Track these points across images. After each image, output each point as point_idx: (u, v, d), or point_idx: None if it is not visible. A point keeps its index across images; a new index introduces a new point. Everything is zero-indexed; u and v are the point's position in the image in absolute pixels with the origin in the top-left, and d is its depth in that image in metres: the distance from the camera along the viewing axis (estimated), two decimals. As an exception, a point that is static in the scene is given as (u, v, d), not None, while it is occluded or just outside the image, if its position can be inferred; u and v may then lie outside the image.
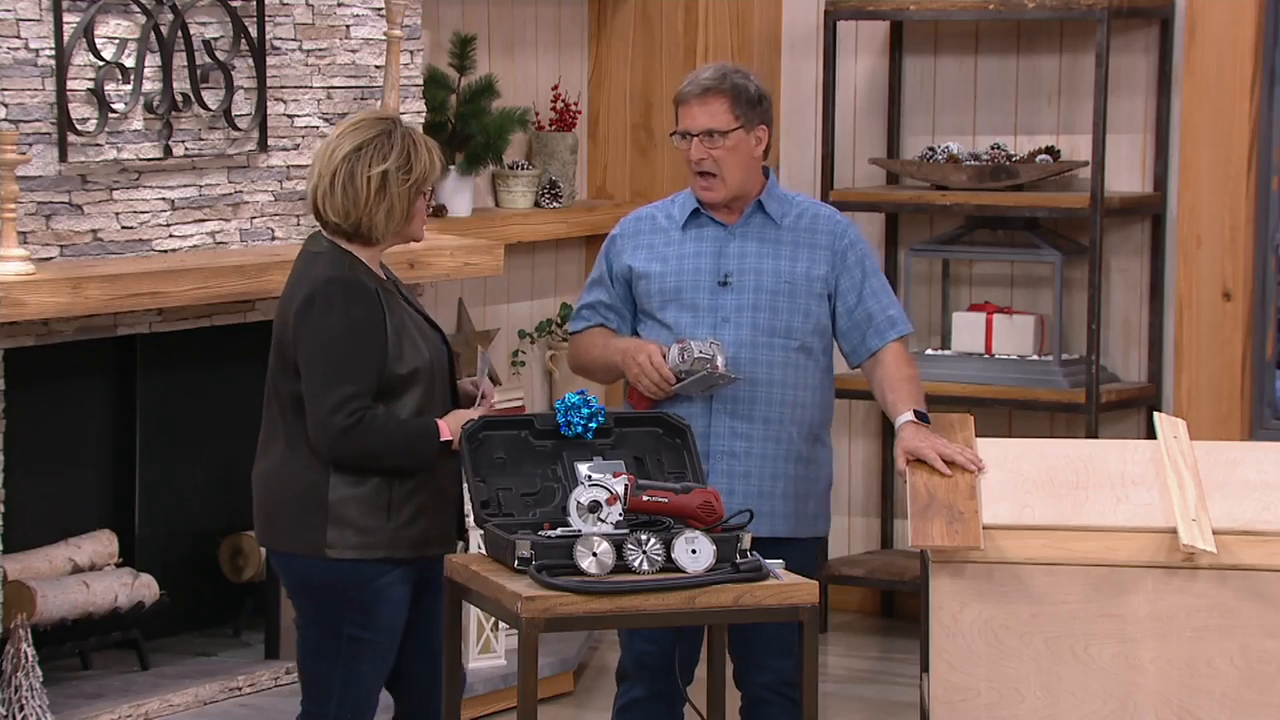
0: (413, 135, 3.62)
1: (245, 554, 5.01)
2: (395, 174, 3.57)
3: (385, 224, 3.59)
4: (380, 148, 3.57)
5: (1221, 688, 3.46)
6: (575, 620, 3.34)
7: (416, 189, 3.61)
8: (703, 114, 3.81)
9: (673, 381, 3.75)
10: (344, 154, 3.57)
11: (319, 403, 3.51)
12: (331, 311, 3.52)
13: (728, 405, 3.79)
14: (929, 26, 5.84)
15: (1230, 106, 5.46)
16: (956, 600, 3.51)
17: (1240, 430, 5.46)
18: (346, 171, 3.57)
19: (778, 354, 3.80)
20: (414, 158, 3.59)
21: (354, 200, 3.57)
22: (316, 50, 4.88)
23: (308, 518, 3.55)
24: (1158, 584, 3.48)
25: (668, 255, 3.87)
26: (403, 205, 3.59)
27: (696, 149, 3.81)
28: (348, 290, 3.54)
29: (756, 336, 3.80)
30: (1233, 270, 5.49)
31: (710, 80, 3.83)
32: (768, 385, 3.80)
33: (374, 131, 3.59)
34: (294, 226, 4.87)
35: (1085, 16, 5.46)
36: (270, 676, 4.81)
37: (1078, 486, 3.60)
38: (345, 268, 3.57)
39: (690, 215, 3.88)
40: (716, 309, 3.81)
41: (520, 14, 5.86)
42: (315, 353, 3.52)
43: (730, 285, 3.81)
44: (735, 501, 3.69)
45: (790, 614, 3.39)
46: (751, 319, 3.80)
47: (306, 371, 3.53)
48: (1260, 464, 3.64)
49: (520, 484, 3.57)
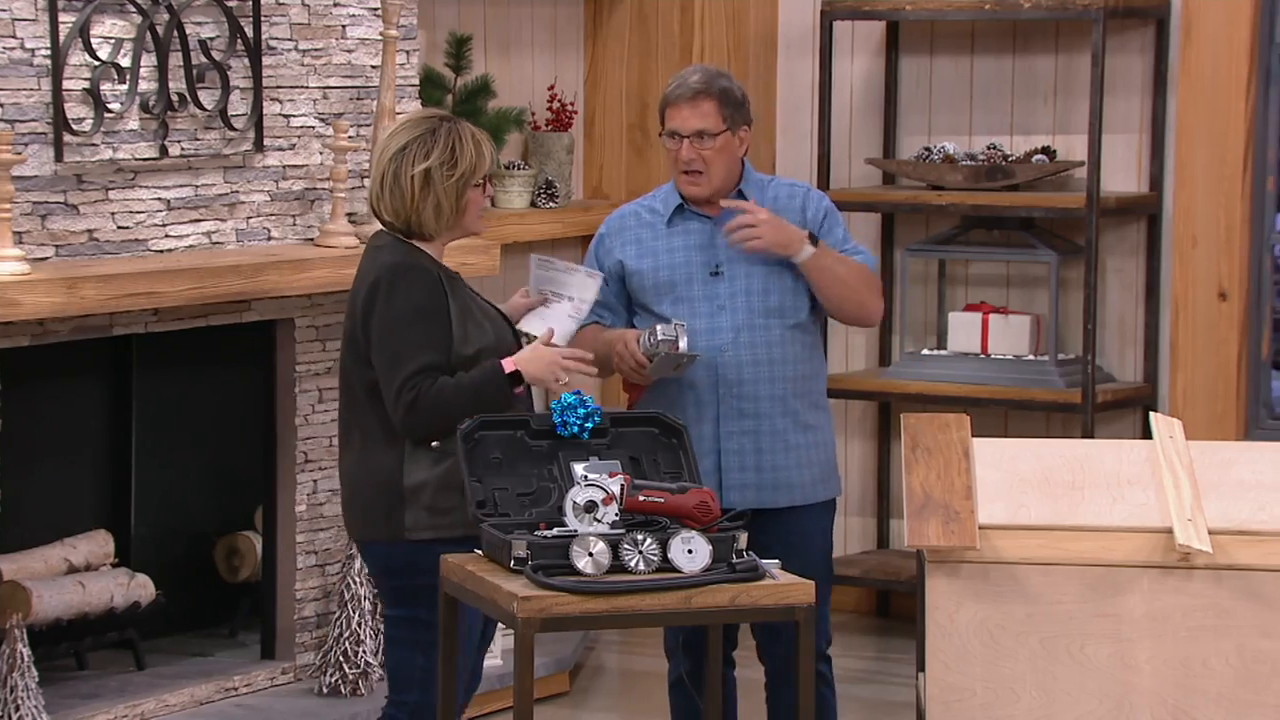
0: (459, 130, 3.70)
1: (241, 554, 5.01)
2: (439, 170, 3.66)
3: (435, 220, 3.69)
4: (424, 145, 3.67)
5: (1217, 688, 3.46)
6: (571, 620, 3.34)
7: (464, 183, 3.69)
8: (693, 116, 3.92)
9: (646, 365, 3.86)
10: (391, 154, 3.69)
11: (388, 384, 3.62)
12: (395, 294, 3.62)
13: (733, 389, 3.91)
14: (925, 26, 5.84)
15: (1226, 107, 5.47)
16: (952, 600, 3.51)
17: (1236, 430, 5.46)
18: (393, 172, 3.68)
19: (775, 333, 3.94)
20: (459, 152, 3.67)
21: (402, 199, 3.68)
22: (312, 50, 4.88)
23: (387, 504, 3.64)
24: (1153, 584, 3.48)
25: (657, 250, 3.98)
26: (450, 200, 3.68)
27: (687, 150, 3.94)
28: (410, 274, 3.64)
29: (754, 319, 3.92)
30: (1228, 270, 5.49)
31: (699, 84, 3.95)
32: (769, 364, 3.93)
33: (419, 130, 3.69)
34: (290, 226, 4.87)
35: (1081, 17, 5.46)
36: (266, 677, 4.81)
37: (1074, 486, 3.61)
38: (408, 255, 3.67)
39: (675, 210, 3.99)
40: (712, 298, 3.93)
41: (516, 14, 5.86)
42: (382, 335, 3.63)
43: (722, 274, 3.94)
44: (751, 479, 3.87)
45: (786, 614, 3.39)
46: (746, 303, 3.93)
47: (376, 356, 3.64)
48: (1256, 464, 3.64)
49: (516, 484, 3.57)
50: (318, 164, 4.91)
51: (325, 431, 4.93)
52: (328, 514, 4.94)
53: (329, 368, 4.94)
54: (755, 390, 3.92)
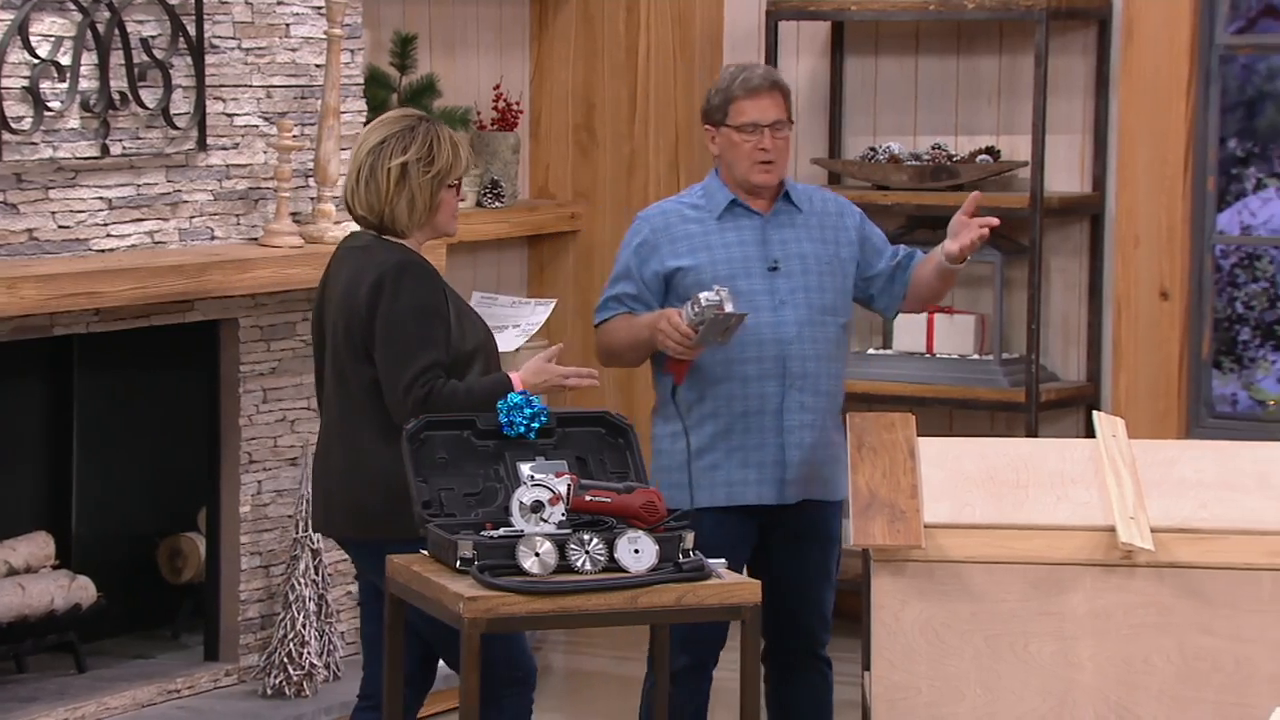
0: (438, 130, 3.73)
1: (184, 555, 4.97)
2: (415, 165, 3.69)
3: (408, 216, 3.71)
4: (401, 141, 3.70)
5: (1158, 684, 3.48)
6: (518, 620, 3.33)
7: (439, 181, 3.71)
8: (773, 106, 4.01)
9: (692, 336, 3.87)
10: (368, 148, 3.72)
11: (394, 380, 3.63)
12: (401, 292, 3.64)
13: (797, 381, 3.98)
14: (870, 27, 5.86)
15: (1167, 107, 5.50)
16: (898, 599, 3.52)
17: (1177, 429, 5.50)
18: (369, 165, 3.71)
19: (830, 331, 4.03)
20: (436, 150, 3.70)
21: (377, 193, 3.70)
22: (256, 49, 4.85)
23: (389, 503, 3.65)
24: (1096, 582, 3.50)
25: (711, 244, 4.02)
26: (424, 197, 3.70)
27: (769, 138, 4.00)
28: (415, 271, 3.67)
29: (813, 315, 4.00)
30: (1170, 270, 5.53)
31: (771, 75, 4.05)
32: (826, 360, 4.02)
33: (398, 127, 3.72)
34: (234, 226, 4.84)
35: (1024, 17, 5.49)
36: (210, 678, 4.78)
37: (1018, 485, 3.62)
38: (404, 251, 3.70)
39: (726, 206, 4.05)
40: (773, 292, 3.99)
41: (461, 13, 5.84)
42: (388, 332, 3.64)
43: (780, 270, 4.00)
44: (808, 472, 3.96)
45: (732, 613, 3.39)
46: (806, 299, 4.00)
47: (381, 351, 3.65)
48: (1197, 462, 3.67)
49: (462, 484, 3.56)
50: (261, 163, 4.88)
51: (269, 432, 4.91)
52: (272, 515, 4.91)
53: (273, 368, 4.91)
54: (817, 384, 3.98)
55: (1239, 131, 7.57)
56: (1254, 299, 7.58)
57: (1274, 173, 7.62)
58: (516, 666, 3.78)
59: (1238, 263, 7.60)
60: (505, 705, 3.77)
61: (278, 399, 4.92)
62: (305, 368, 4.97)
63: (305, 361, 4.97)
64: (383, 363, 3.66)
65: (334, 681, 4.83)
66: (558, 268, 6.08)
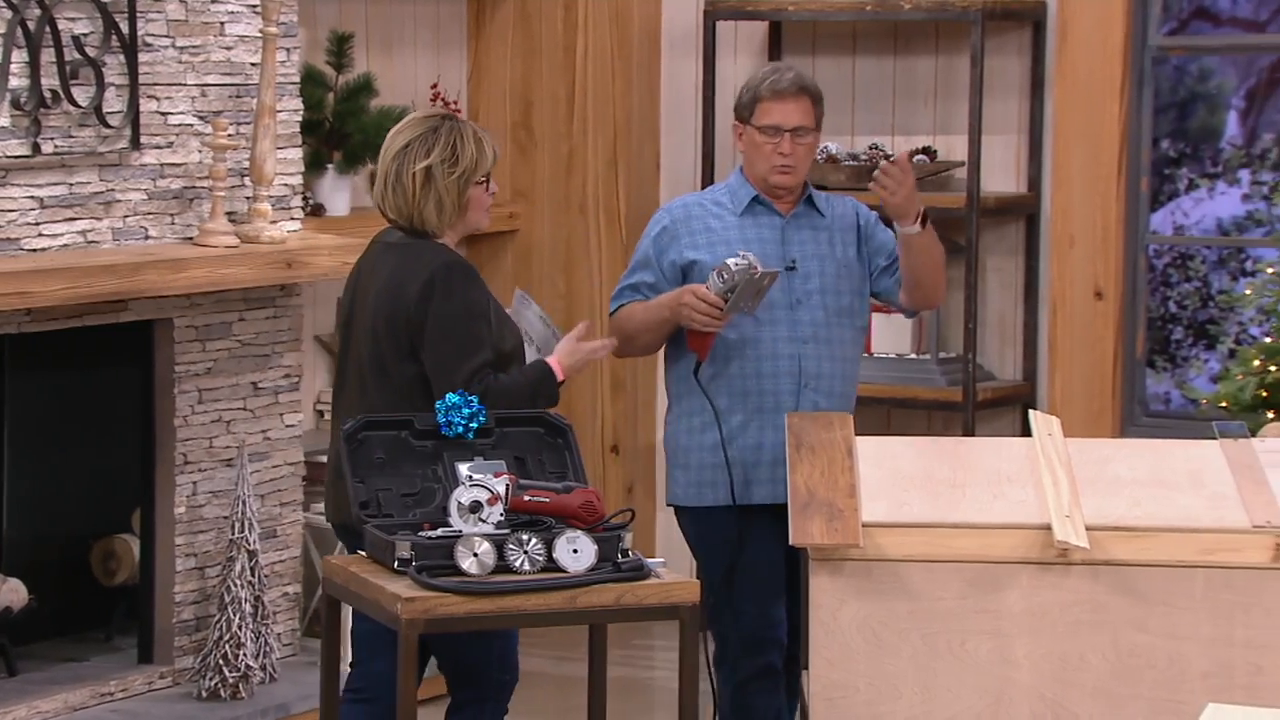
0: (461, 129, 3.77)
1: (117, 557, 4.93)
2: (440, 167, 3.73)
3: (437, 217, 3.75)
4: (425, 143, 3.74)
5: (1093, 681, 3.51)
6: (456, 621, 3.32)
7: (465, 180, 3.75)
8: (796, 112, 4.02)
9: (722, 305, 3.88)
10: (394, 153, 3.77)
11: (449, 378, 3.67)
12: (454, 292, 3.69)
13: (811, 382, 3.99)
14: (807, 27, 5.87)
15: (1101, 108, 5.55)
16: (836, 598, 3.53)
17: (1112, 427, 5.55)
18: (395, 170, 3.76)
19: (846, 332, 4.05)
20: (459, 150, 3.74)
21: (404, 197, 3.76)
22: (190, 47, 4.82)
23: None
24: (1032, 580, 3.52)
25: (730, 239, 4.04)
26: (451, 198, 3.75)
27: (788, 144, 4.00)
28: (465, 272, 3.73)
29: (829, 317, 4.02)
30: (1104, 270, 5.58)
31: (800, 80, 4.04)
32: (842, 361, 4.03)
33: (421, 129, 3.77)
34: (168, 225, 4.80)
35: (960, 18, 5.52)
36: (144, 681, 4.75)
37: (955, 484, 3.64)
38: (453, 252, 3.76)
39: (748, 204, 4.06)
40: (790, 290, 4.00)
41: (398, 12, 5.82)
42: (442, 332, 3.68)
43: (798, 270, 4.02)
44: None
45: (671, 613, 3.39)
46: (822, 301, 4.02)
47: (433, 350, 3.69)
48: (1131, 461, 3.70)
49: (400, 484, 3.55)
50: (196, 162, 4.85)
51: (205, 433, 4.87)
52: (207, 516, 4.88)
53: (209, 368, 4.88)
54: (831, 386, 4.00)
55: (1171, 132, 7.64)
56: (1187, 299, 7.65)
57: (1206, 173, 7.70)
58: (505, 669, 3.80)
59: (1171, 262, 7.67)
60: (488, 707, 3.79)
61: (213, 399, 4.89)
62: (241, 368, 4.94)
63: (241, 362, 4.94)
64: (436, 361, 3.69)
65: (270, 683, 4.81)
66: (496, 267, 6.06)
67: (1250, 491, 3.58)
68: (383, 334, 3.74)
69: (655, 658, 5.59)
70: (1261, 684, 3.46)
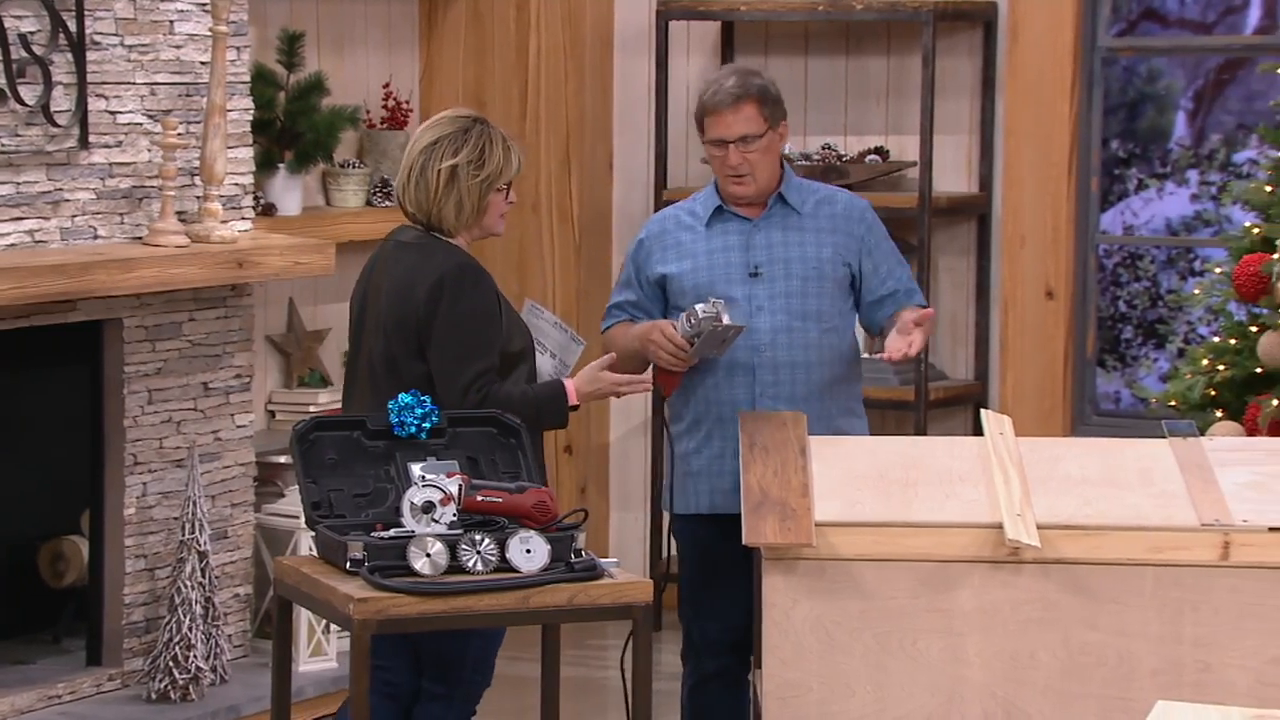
0: (491, 133, 3.79)
1: (66, 558, 4.90)
2: (465, 168, 3.75)
3: (455, 217, 3.77)
4: (454, 143, 3.76)
5: (1044, 679, 3.52)
6: (408, 621, 3.31)
7: (488, 185, 3.77)
8: (736, 121, 3.97)
9: (687, 349, 3.90)
10: (421, 148, 3.78)
11: (452, 381, 3.68)
12: (461, 297, 3.71)
13: (769, 389, 3.95)
14: (759, 27, 5.88)
15: (1051, 108, 5.57)
16: (788, 597, 3.54)
17: (1063, 427, 5.58)
18: (421, 165, 3.77)
19: (811, 336, 3.98)
20: (487, 154, 3.76)
21: (426, 193, 3.77)
22: (139, 46, 4.78)
23: None
24: (984, 578, 3.54)
25: (696, 252, 4.03)
26: (472, 200, 3.77)
27: (734, 156, 3.98)
28: (476, 275, 3.74)
29: (791, 321, 3.97)
30: (1055, 269, 5.61)
31: (736, 88, 3.98)
32: (805, 367, 3.97)
33: (452, 128, 3.78)
34: (117, 225, 4.77)
35: (912, 18, 5.54)
36: (92, 684, 4.71)
37: (907, 483, 3.65)
38: (464, 254, 3.76)
39: (714, 212, 4.04)
40: (750, 298, 3.98)
41: (349, 11, 5.80)
42: (447, 335, 3.70)
43: (761, 276, 3.99)
44: None
45: (624, 613, 3.39)
46: (785, 305, 3.97)
47: (439, 351, 3.70)
48: (1081, 460, 3.72)
49: (353, 485, 3.53)
50: (146, 161, 4.82)
51: (155, 434, 4.84)
52: (157, 517, 4.85)
53: (159, 368, 4.85)
54: (792, 391, 3.95)
55: (1121, 133, 7.69)
56: (1136, 298, 7.70)
57: (1155, 173, 7.75)
58: (478, 671, 3.80)
59: (1120, 262, 7.72)
60: (454, 705, 3.80)
61: (163, 400, 4.86)
62: (192, 368, 4.91)
63: (192, 362, 4.91)
64: (440, 363, 3.72)
65: (221, 685, 4.78)
66: (448, 267, 6.05)
67: (1199, 490, 3.61)
68: (393, 332, 3.77)
69: (608, 658, 5.59)
70: (1209, 681, 3.48)
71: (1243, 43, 6.77)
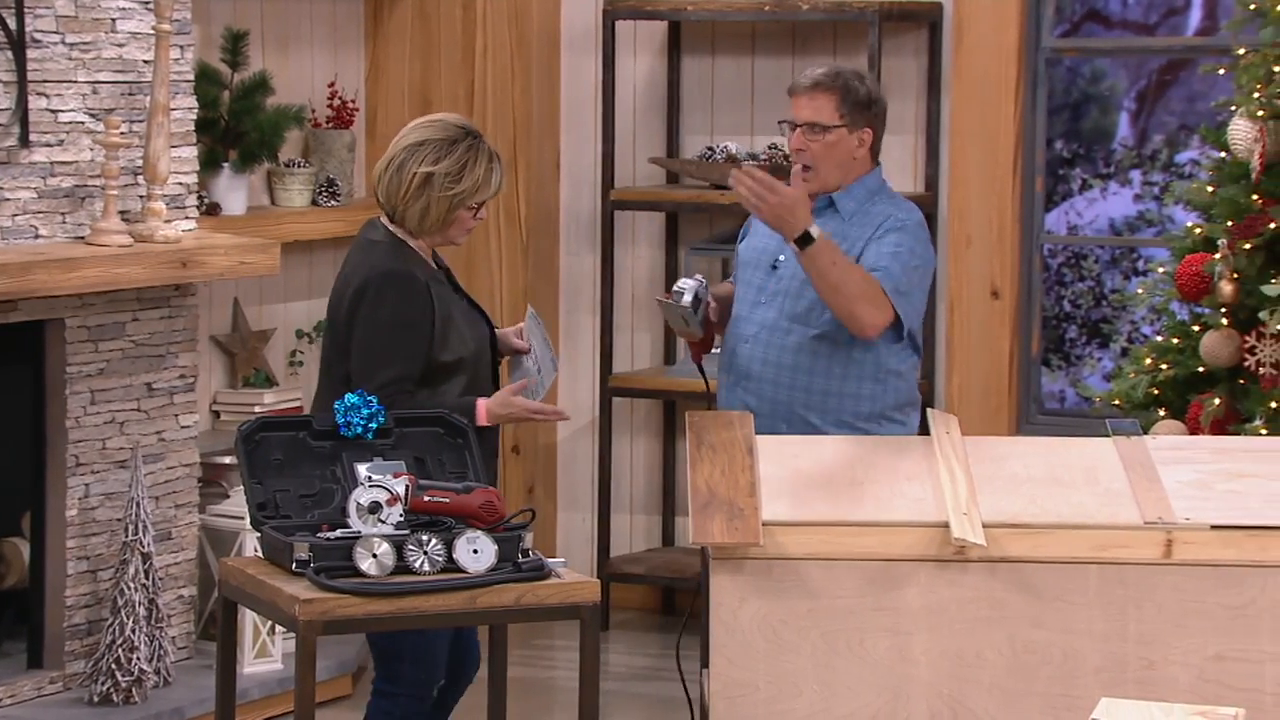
0: (478, 150, 3.76)
1: (6, 560, 4.85)
2: (440, 179, 3.73)
3: (419, 222, 3.76)
4: (438, 150, 3.74)
5: (990, 678, 3.54)
6: (354, 623, 3.30)
7: (459, 200, 3.76)
8: (808, 107, 3.95)
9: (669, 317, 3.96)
10: (406, 144, 3.77)
11: (363, 385, 3.67)
12: (382, 303, 3.69)
13: (742, 381, 3.95)
14: (706, 27, 5.89)
15: (996, 109, 5.60)
16: (736, 596, 3.54)
17: (1008, 426, 5.60)
18: (400, 160, 3.76)
19: (793, 339, 3.94)
20: (467, 171, 3.75)
21: (396, 189, 3.76)
22: (81, 44, 4.75)
23: None
24: (930, 577, 3.55)
25: (759, 231, 4.02)
26: (439, 210, 3.75)
27: (796, 139, 3.95)
28: (400, 283, 3.71)
29: (780, 320, 3.95)
30: (1000, 269, 5.63)
31: (821, 75, 3.97)
32: (777, 368, 3.94)
33: (441, 135, 3.76)
34: (59, 224, 4.73)
35: (857, 19, 5.56)
36: (33, 686, 4.67)
37: (854, 482, 3.66)
38: (400, 260, 3.74)
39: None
40: (763, 289, 3.98)
41: (294, 10, 5.77)
42: (362, 339, 3.70)
43: (778, 269, 3.96)
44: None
45: (571, 613, 3.39)
46: (781, 303, 3.95)
47: (355, 355, 3.72)
48: (1027, 459, 3.73)
49: (298, 485, 3.51)
50: (88, 160, 4.78)
51: (97, 434, 4.81)
52: (100, 518, 4.81)
53: (101, 369, 4.81)
54: (760, 389, 3.93)
55: (1065, 133, 7.74)
56: (1080, 298, 7.75)
57: (1099, 174, 7.80)
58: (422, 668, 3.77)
59: (1065, 262, 7.77)
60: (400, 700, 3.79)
61: (106, 401, 4.82)
62: (135, 369, 4.88)
63: (135, 363, 4.88)
64: (355, 366, 3.73)
65: (164, 687, 4.75)
66: (394, 267, 6.02)
67: (1143, 488, 3.63)
68: (327, 331, 3.82)
69: (556, 658, 5.58)
70: (1152, 678, 3.51)
71: (1184, 44, 6.83)
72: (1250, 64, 4.69)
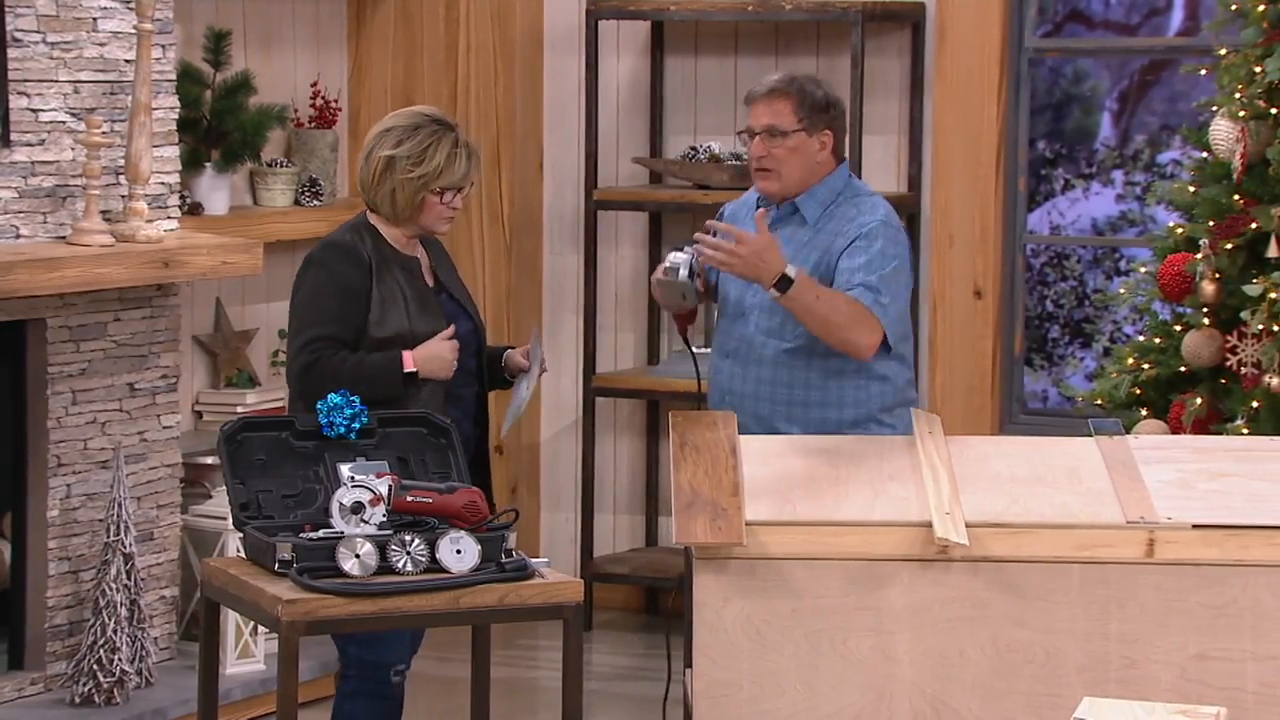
0: (442, 136, 3.82)
1: (-10, 562, 4.84)
2: (401, 162, 3.80)
3: (390, 207, 3.84)
4: (400, 135, 3.82)
5: (972, 677, 3.54)
6: (337, 623, 3.30)
7: (423, 184, 3.81)
8: (766, 113, 3.96)
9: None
10: (377, 132, 3.86)
11: (290, 345, 3.74)
12: (320, 269, 3.77)
13: (728, 397, 3.95)
14: (689, 27, 5.89)
15: (979, 109, 5.61)
16: (719, 596, 3.54)
17: (991, 425, 5.61)
18: (370, 148, 3.85)
19: (768, 352, 3.94)
20: (428, 155, 3.80)
21: (368, 175, 3.85)
22: (62, 43, 4.73)
23: None
24: (913, 577, 3.55)
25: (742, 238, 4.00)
26: (405, 195, 3.82)
27: (757, 146, 3.96)
28: (340, 252, 3.78)
29: (755, 334, 3.96)
30: (983, 269, 5.64)
31: (778, 81, 3.99)
32: (756, 383, 3.95)
33: (406, 121, 3.85)
34: (41, 224, 4.72)
35: (840, 19, 5.57)
36: (14, 688, 4.66)
37: (837, 482, 3.66)
38: (350, 234, 3.83)
39: (753, 205, 4.03)
40: (743, 298, 3.98)
41: (277, 9, 5.76)
42: (298, 304, 3.77)
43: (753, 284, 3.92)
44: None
45: (555, 613, 3.39)
46: (757, 316, 3.96)
47: (289, 316, 3.79)
48: (1009, 458, 3.74)
49: (281, 486, 3.51)
50: (70, 160, 4.77)
51: (79, 435, 4.79)
52: (82, 519, 4.80)
53: (83, 369, 4.80)
54: (741, 404, 3.93)
55: (1047, 133, 7.76)
56: (1063, 297, 7.77)
57: (1081, 174, 7.81)
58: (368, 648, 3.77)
59: (1047, 262, 7.79)
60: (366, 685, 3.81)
61: (88, 401, 4.81)
62: (117, 369, 4.86)
63: (117, 363, 4.87)
64: (289, 327, 3.82)
65: (146, 688, 4.74)
66: (377, 266, 6.02)
67: (1125, 488, 3.64)
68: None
69: (539, 658, 5.58)
70: (1134, 676, 3.52)
71: (1166, 44, 6.84)
72: (1231, 64, 4.71)
